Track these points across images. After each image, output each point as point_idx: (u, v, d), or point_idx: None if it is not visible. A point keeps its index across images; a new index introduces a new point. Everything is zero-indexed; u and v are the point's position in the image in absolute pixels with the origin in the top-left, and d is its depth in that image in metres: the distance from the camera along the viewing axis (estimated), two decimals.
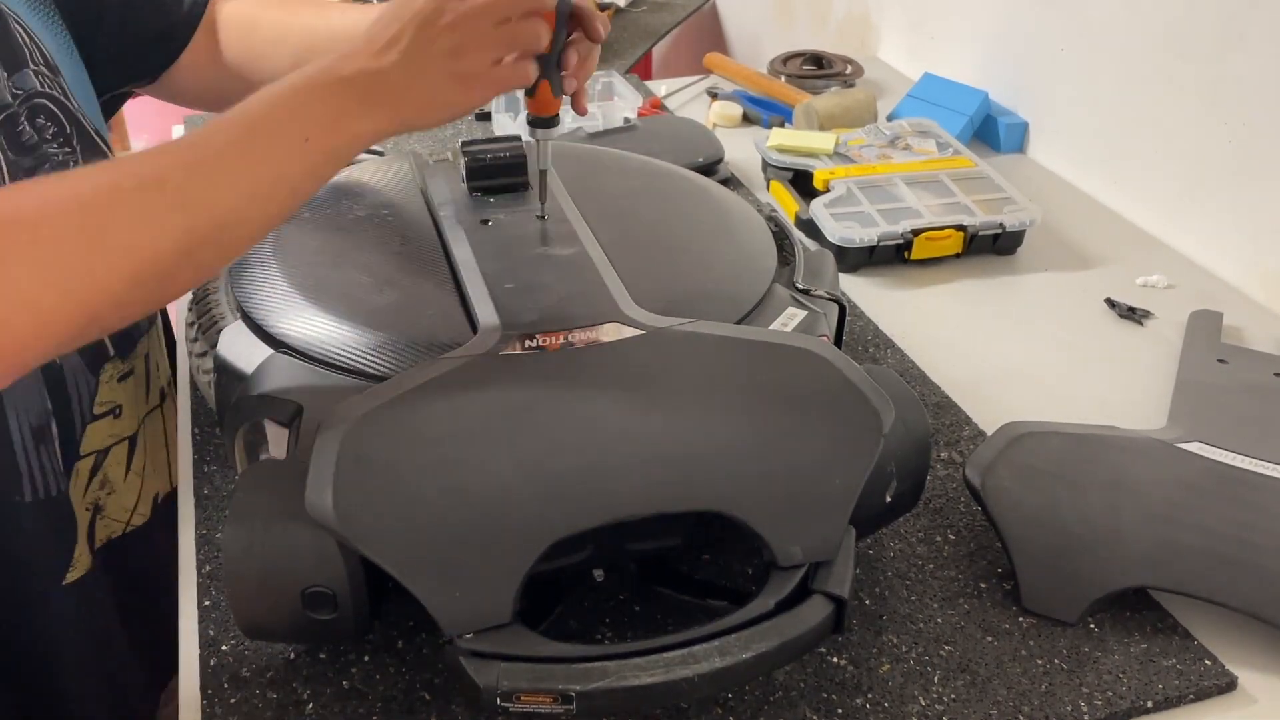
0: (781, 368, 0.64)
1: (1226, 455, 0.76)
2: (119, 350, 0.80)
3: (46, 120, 0.72)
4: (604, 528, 0.58)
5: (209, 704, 0.62)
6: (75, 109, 0.76)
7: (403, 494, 0.56)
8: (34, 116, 0.72)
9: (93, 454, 0.78)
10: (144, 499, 0.83)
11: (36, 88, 0.73)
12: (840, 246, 1.04)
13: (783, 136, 1.22)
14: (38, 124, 0.72)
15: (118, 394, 0.79)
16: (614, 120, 1.28)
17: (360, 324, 0.67)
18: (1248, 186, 1.06)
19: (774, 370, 0.64)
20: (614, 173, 0.89)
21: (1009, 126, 1.36)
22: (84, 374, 0.76)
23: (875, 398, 0.63)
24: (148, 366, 0.84)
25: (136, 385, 0.82)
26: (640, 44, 1.90)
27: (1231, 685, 0.64)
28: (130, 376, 0.81)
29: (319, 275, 0.72)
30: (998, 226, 1.08)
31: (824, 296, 0.77)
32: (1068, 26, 1.27)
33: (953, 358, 0.94)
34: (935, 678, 0.63)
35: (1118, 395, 0.90)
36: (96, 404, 0.77)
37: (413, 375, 0.61)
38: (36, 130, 0.71)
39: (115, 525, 0.81)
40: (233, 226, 0.56)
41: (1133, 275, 1.08)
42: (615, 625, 0.66)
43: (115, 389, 0.79)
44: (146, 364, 0.83)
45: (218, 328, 0.71)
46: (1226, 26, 1.06)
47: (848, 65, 1.54)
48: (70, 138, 0.74)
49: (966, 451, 0.82)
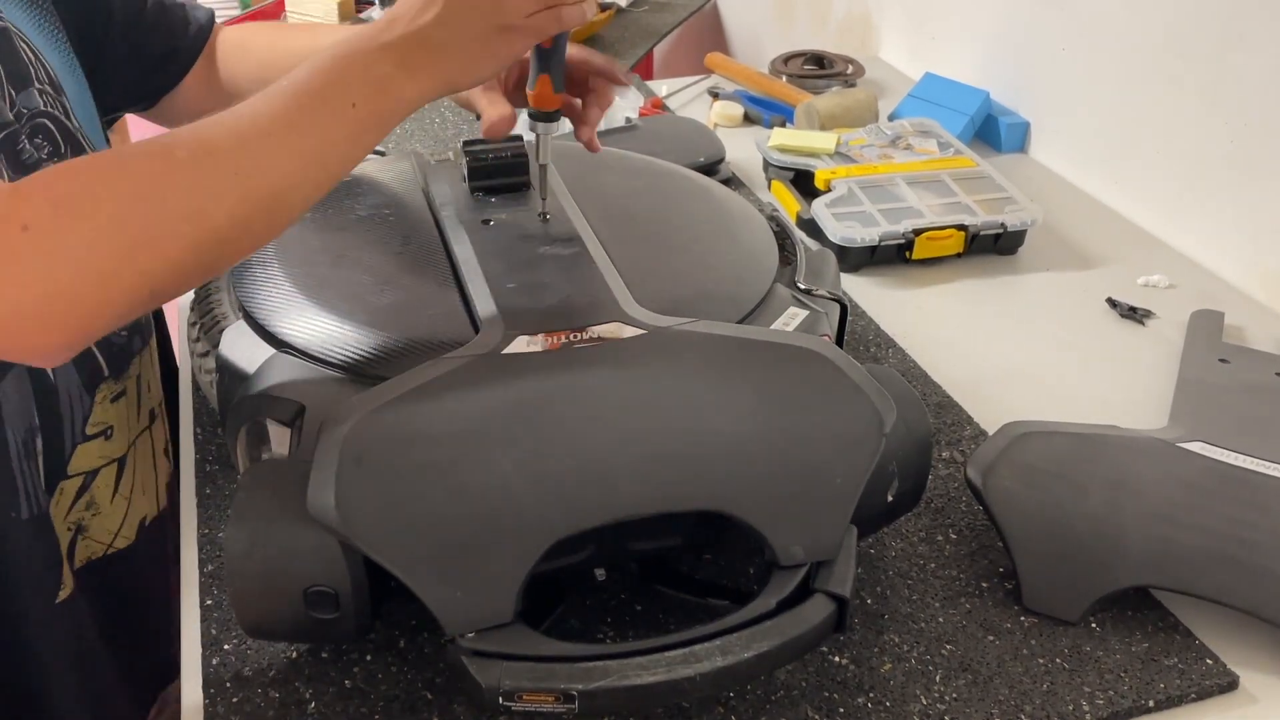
0: (783, 367, 0.64)
1: (1228, 455, 0.76)
2: (113, 371, 0.79)
3: (44, 139, 0.72)
4: (606, 527, 0.58)
5: (211, 703, 0.62)
6: (75, 129, 0.76)
7: (405, 493, 0.56)
8: (34, 135, 0.72)
9: (81, 474, 0.77)
10: (130, 522, 0.82)
11: (39, 107, 0.73)
12: (842, 246, 1.04)
13: (784, 136, 1.22)
14: (36, 142, 0.72)
15: (110, 415, 0.78)
16: (615, 120, 1.28)
17: (362, 323, 0.67)
18: (1249, 186, 1.06)
19: (776, 370, 0.64)
20: (616, 172, 0.89)
21: (1010, 126, 1.36)
22: (80, 394, 0.75)
23: (877, 397, 0.63)
24: (139, 387, 0.82)
25: (128, 406, 0.81)
26: (641, 44, 1.90)
27: (1233, 685, 0.64)
28: (123, 397, 0.80)
29: (321, 275, 0.73)
30: (999, 226, 1.08)
31: (825, 296, 0.77)
32: (1069, 26, 1.27)
33: (954, 357, 0.94)
34: (937, 677, 0.63)
35: (1119, 395, 0.90)
36: (89, 424, 0.76)
37: (415, 375, 0.61)
38: (35, 148, 0.71)
39: (96, 546, 0.79)
40: (286, 193, 0.57)
41: (1134, 275, 1.08)
42: (617, 625, 0.67)
43: (108, 410, 0.78)
44: (138, 385, 0.82)
45: (220, 327, 0.71)
46: (1227, 26, 1.06)
47: (849, 65, 1.54)
48: (65, 157, 0.74)
49: (968, 451, 0.82)
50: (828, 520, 0.60)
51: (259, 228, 0.57)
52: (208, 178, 0.54)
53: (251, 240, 0.57)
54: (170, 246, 0.52)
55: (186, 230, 0.53)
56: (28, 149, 0.71)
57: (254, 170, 0.55)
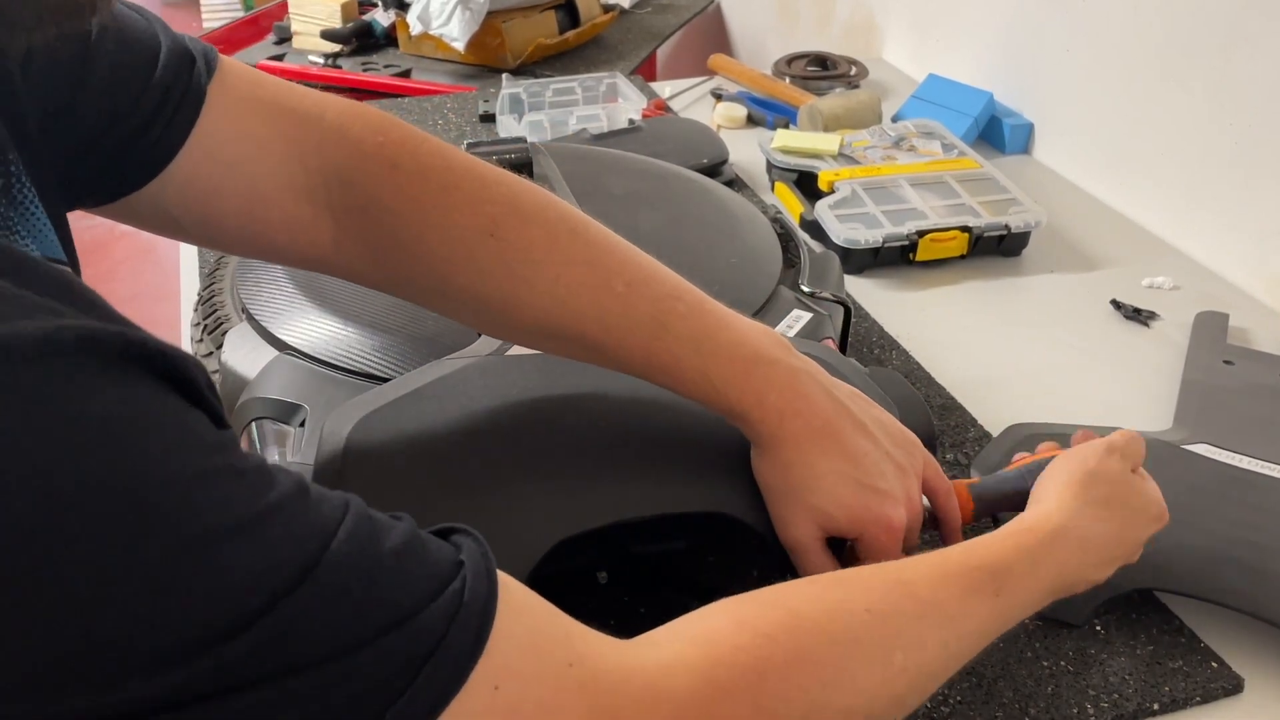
0: None
1: (1232, 457, 0.76)
2: None
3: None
4: (608, 529, 0.58)
5: None
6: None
7: (407, 495, 0.56)
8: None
9: None
10: None
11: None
12: (845, 248, 1.04)
13: (787, 138, 1.22)
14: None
15: None
16: (619, 122, 1.28)
17: (365, 325, 0.67)
18: (1254, 187, 1.06)
19: None
20: (619, 174, 0.89)
21: (1014, 128, 1.35)
22: None
23: (880, 399, 0.63)
24: None
25: None
26: (645, 46, 1.90)
27: (1238, 687, 0.64)
28: None
29: (323, 277, 0.72)
30: (1003, 228, 1.08)
31: (829, 298, 0.77)
32: (1073, 27, 1.27)
33: (958, 359, 0.94)
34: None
35: (1123, 397, 0.89)
36: None
37: (417, 376, 0.61)
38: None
39: None
40: (930, 674, 0.50)
41: (1138, 276, 1.07)
42: (620, 627, 0.66)
43: None
44: None
45: (223, 329, 0.71)
46: (1232, 26, 1.05)
47: (852, 66, 1.54)
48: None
49: (972, 453, 0.81)
50: None
51: (905, 705, 0.49)
52: (880, 647, 0.48)
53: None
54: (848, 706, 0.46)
55: (859, 700, 0.47)
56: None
57: (915, 644, 0.49)
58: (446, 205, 0.56)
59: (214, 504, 0.32)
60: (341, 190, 0.56)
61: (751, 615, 0.47)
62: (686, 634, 0.46)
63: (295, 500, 0.35)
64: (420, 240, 0.56)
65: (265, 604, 0.32)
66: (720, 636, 0.45)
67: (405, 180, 0.56)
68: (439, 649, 0.36)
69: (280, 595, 0.33)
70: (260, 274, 0.73)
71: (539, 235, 0.57)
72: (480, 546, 0.41)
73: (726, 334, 0.57)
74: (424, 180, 0.56)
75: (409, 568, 0.37)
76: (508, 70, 1.62)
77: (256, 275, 0.73)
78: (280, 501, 0.34)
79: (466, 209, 0.56)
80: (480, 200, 0.57)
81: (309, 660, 0.33)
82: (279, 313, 0.70)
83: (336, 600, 0.34)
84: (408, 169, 0.56)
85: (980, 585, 0.52)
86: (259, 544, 0.33)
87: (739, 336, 0.58)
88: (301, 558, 0.34)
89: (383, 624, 0.35)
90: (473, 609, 0.37)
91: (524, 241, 0.56)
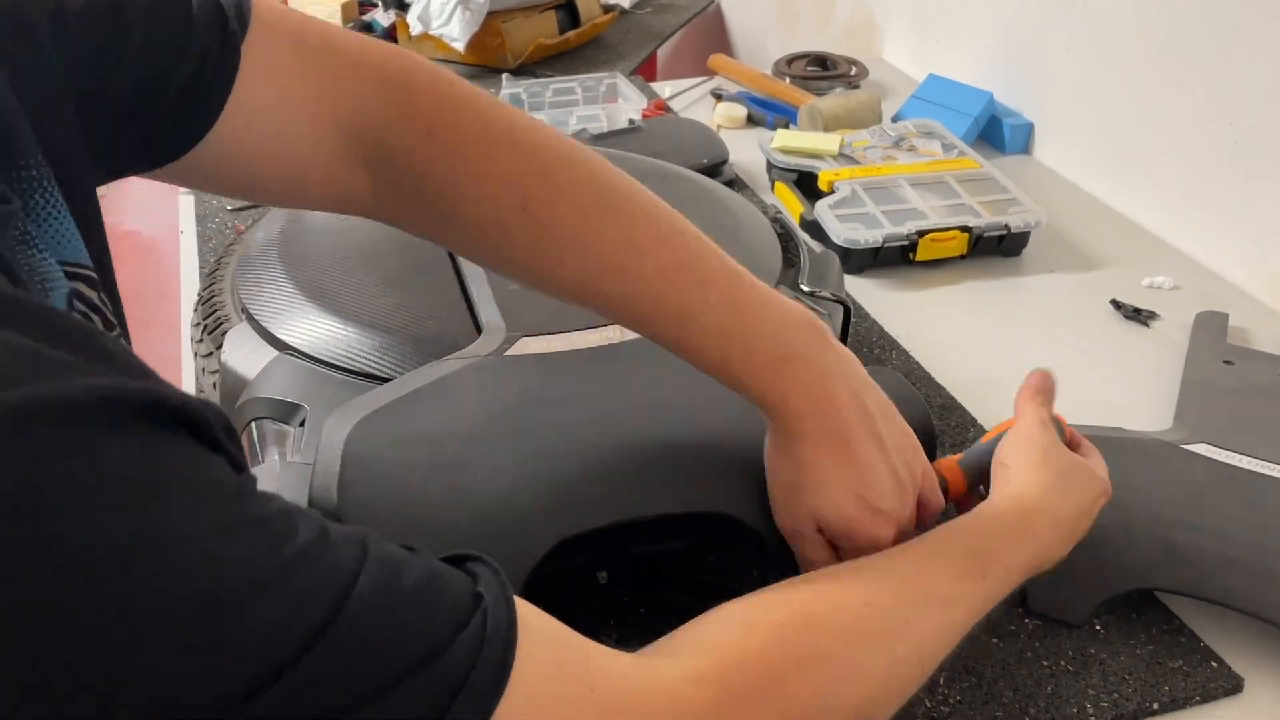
0: None
1: (1232, 457, 0.76)
2: None
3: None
4: (608, 529, 0.58)
5: None
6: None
7: (407, 495, 0.56)
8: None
9: None
10: None
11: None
12: (845, 248, 1.04)
13: (787, 138, 1.22)
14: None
15: None
16: (618, 122, 1.28)
17: (365, 325, 0.67)
18: (1254, 188, 1.06)
19: None
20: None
21: (1014, 127, 1.36)
22: None
23: None
24: None
25: None
26: (645, 46, 1.90)
27: (1238, 687, 0.64)
28: None
29: (323, 277, 0.73)
30: (1003, 228, 1.08)
31: (829, 298, 0.77)
32: (1073, 27, 1.27)
33: (958, 359, 0.94)
34: (941, 679, 0.63)
35: (1123, 397, 0.89)
36: None
37: (417, 376, 0.61)
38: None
39: None
40: (929, 659, 0.52)
41: (1138, 276, 1.07)
42: (620, 627, 0.66)
43: None
44: None
45: (223, 330, 0.71)
46: (1232, 26, 1.05)
47: (852, 66, 1.54)
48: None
49: None
50: None
51: (903, 691, 0.51)
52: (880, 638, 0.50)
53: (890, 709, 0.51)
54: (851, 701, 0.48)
55: (859, 693, 0.48)
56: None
57: (910, 633, 0.51)
58: (480, 175, 0.56)
59: (237, 559, 0.32)
60: (378, 154, 0.56)
61: (759, 618, 0.48)
62: (697, 643, 0.46)
63: (316, 547, 0.34)
64: (455, 207, 0.56)
65: (291, 657, 0.32)
66: (731, 643, 0.46)
67: (440, 149, 0.56)
68: (465, 685, 0.35)
69: (305, 648, 0.32)
70: (260, 274, 0.73)
71: (569, 213, 0.56)
72: (497, 575, 0.40)
73: (757, 325, 0.57)
74: (460, 149, 0.56)
75: (430, 604, 0.37)
76: (508, 70, 1.62)
77: (256, 275, 0.73)
78: (302, 550, 0.34)
79: (500, 180, 0.56)
80: (514, 172, 0.56)
81: (336, 709, 0.33)
82: (279, 313, 0.70)
83: (361, 647, 0.34)
84: (442, 138, 0.56)
85: (969, 570, 0.55)
86: (282, 598, 0.32)
87: (772, 328, 0.57)
88: (325, 608, 0.33)
89: (409, 665, 0.34)
90: (495, 642, 0.37)
91: (554, 219, 0.56)
